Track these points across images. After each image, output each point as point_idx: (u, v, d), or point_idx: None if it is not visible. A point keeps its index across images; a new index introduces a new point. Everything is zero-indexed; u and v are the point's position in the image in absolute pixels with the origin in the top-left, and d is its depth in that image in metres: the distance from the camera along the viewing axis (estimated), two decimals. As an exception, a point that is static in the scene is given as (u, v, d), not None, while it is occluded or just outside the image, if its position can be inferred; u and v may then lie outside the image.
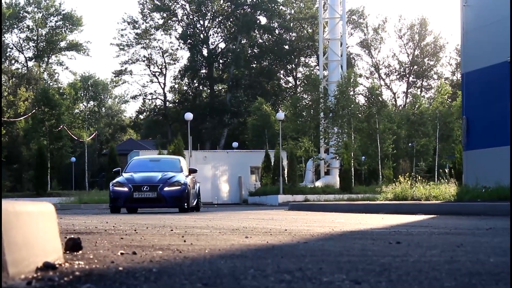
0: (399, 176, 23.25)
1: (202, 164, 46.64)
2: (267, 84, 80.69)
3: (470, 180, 18.12)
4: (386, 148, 46.18)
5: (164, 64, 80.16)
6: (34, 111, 56.97)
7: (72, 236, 5.07)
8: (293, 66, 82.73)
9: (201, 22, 80.00)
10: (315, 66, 75.86)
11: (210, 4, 78.75)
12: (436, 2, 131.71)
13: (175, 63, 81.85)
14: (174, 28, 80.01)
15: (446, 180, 22.73)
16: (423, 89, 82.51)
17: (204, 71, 79.93)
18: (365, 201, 22.62)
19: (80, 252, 4.32)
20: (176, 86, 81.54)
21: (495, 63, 18.39)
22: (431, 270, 3.45)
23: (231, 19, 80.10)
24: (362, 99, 52.88)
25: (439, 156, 49.33)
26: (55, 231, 3.75)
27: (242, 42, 79.83)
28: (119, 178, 19.49)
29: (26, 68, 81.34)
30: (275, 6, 79.88)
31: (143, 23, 79.10)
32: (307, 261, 3.90)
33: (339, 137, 46.34)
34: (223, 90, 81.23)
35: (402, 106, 77.34)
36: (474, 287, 2.94)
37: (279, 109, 64.46)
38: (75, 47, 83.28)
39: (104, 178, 47.99)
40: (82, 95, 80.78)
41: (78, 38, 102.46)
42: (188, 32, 78.29)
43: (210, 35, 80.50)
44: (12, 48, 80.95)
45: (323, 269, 3.49)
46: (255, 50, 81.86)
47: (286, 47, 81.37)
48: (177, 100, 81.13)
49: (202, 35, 79.51)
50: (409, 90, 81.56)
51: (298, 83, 79.75)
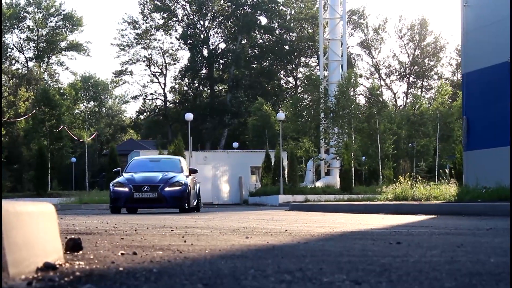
0: (400, 176, 23.25)
1: (203, 165, 46.62)
2: (268, 84, 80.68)
3: (471, 180, 18.12)
4: (387, 149, 46.17)
5: (164, 64, 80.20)
6: (35, 111, 56.97)
7: (73, 236, 5.07)
8: (293, 66, 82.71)
9: (201, 22, 80.00)
10: (316, 66, 75.87)
11: (210, 4, 78.74)
12: (437, 3, 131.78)
13: (175, 64, 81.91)
14: (174, 28, 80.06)
15: (447, 180, 22.74)
16: (424, 89, 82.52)
17: (204, 71, 79.92)
18: (365, 201, 22.62)
19: (81, 252, 4.33)
20: (177, 86, 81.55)
21: (496, 63, 18.39)
22: (432, 271, 3.46)
23: (232, 19, 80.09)
24: (363, 100, 52.91)
25: (439, 156, 49.31)
26: (55, 231, 3.75)
27: (243, 42, 79.82)
28: (120, 178, 19.40)
29: (26, 68, 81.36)
30: (276, 7, 79.88)
31: (143, 23, 79.18)
32: (308, 261, 3.90)
33: (339, 137, 46.32)
34: (223, 91, 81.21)
35: (403, 106, 77.32)
36: (474, 287, 2.94)
37: (280, 109, 64.44)
38: (75, 47, 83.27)
39: (104, 179, 47.96)
40: (83, 95, 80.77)
41: (78, 38, 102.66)
42: (189, 33, 78.27)
43: (211, 35, 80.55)
44: (12, 48, 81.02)
45: (323, 269, 3.49)
46: (256, 51, 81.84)
47: (287, 47, 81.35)
48: (177, 101, 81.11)
49: (202, 35, 79.50)
50: (409, 91, 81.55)
51: (299, 83, 79.73)
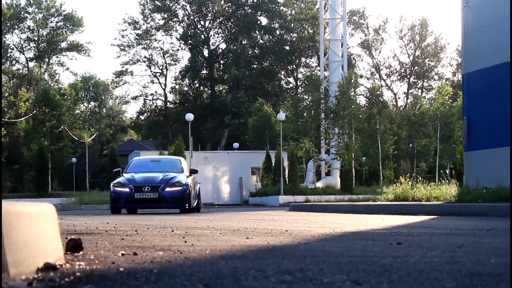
0: (400, 176, 23.24)
1: (203, 165, 46.62)
2: (268, 84, 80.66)
3: (471, 180, 18.11)
4: (387, 149, 46.16)
5: (165, 64, 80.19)
6: (35, 111, 56.96)
7: (73, 236, 5.07)
8: (293, 66, 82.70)
9: (201, 23, 80.00)
10: (316, 66, 75.84)
11: (210, 4, 78.74)
12: (437, 3, 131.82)
13: (176, 64, 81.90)
14: (175, 28, 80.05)
15: (447, 180, 22.74)
16: (424, 89, 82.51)
17: (204, 71, 79.91)
18: (365, 201, 22.61)
19: (81, 252, 4.33)
20: (177, 86, 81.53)
21: (496, 63, 18.39)
22: (432, 271, 3.46)
23: (232, 20, 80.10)
24: (363, 100, 52.90)
25: (439, 156, 49.32)
26: (56, 231, 3.75)
27: (243, 42, 79.81)
28: (120, 179, 19.30)
29: (27, 68, 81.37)
30: (276, 7, 79.88)
31: (143, 24, 79.15)
32: (308, 261, 3.90)
33: (340, 137, 46.32)
34: (224, 91, 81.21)
35: (403, 106, 77.31)
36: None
37: (280, 109, 64.44)
38: (76, 47, 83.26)
39: (104, 179, 47.96)
40: (83, 95, 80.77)
41: (79, 38, 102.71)
42: (189, 33, 78.28)
43: (211, 35, 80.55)
44: (13, 48, 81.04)
45: (324, 269, 3.49)
46: (256, 51, 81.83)
47: (287, 47, 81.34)
48: (177, 101, 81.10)
49: (203, 36, 79.49)
50: (410, 91, 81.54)
51: (299, 83, 79.74)
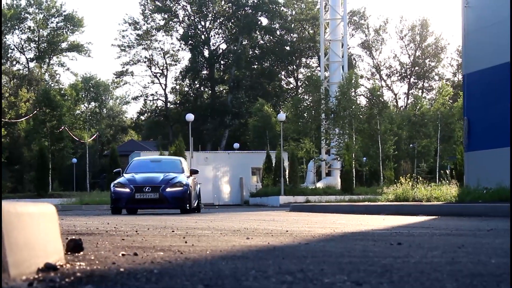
0: (400, 177, 23.23)
1: (203, 165, 46.61)
2: (268, 85, 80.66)
3: (471, 181, 18.11)
4: (387, 149, 46.14)
5: (165, 65, 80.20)
6: (36, 112, 56.96)
7: (73, 237, 5.08)
8: (294, 67, 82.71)
9: (202, 23, 79.98)
10: (316, 67, 75.84)
11: (211, 5, 78.74)
12: (437, 3, 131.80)
13: (176, 64, 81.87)
14: (175, 29, 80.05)
15: (447, 181, 22.73)
16: (424, 90, 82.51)
17: (205, 72, 79.91)
18: (366, 202, 22.61)
19: (81, 253, 4.32)
20: (177, 87, 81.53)
21: (496, 64, 18.38)
22: (433, 271, 3.45)
23: (232, 20, 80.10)
24: (363, 100, 52.90)
25: (440, 157, 49.30)
26: (56, 232, 3.75)
27: (243, 43, 79.81)
28: (121, 179, 19.23)
29: (27, 69, 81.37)
30: (276, 7, 79.88)
31: (144, 24, 79.16)
32: (309, 262, 3.90)
33: (340, 138, 46.30)
34: (224, 91, 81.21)
35: (403, 107, 77.30)
36: (475, 288, 2.94)
37: (280, 110, 64.46)
38: (76, 48, 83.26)
39: (105, 179, 47.93)
40: (83, 96, 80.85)
41: (79, 39, 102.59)
42: (189, 33, 78.28)
43: (211, 36, 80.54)
44: (13, 49, 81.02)
45: (324, 270, 3.49)
46: (256, 51, 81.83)
47: (287, 48, 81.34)
48: (178, 101, 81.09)
49: (203, 36, 79.48)
50: (410, 91, 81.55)
51: (299, 84, 79.74)
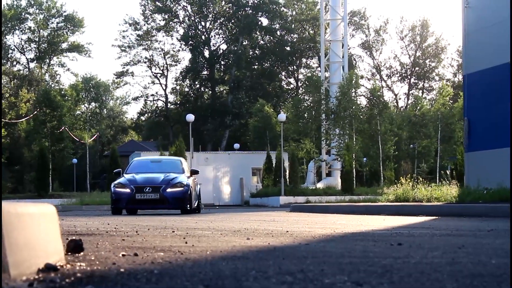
0: (401, 177, 23.24)
1: (204, 166, 46.61)
2: (269, 85, 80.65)
3: (472, 181, 18.12)
4: (388, 150, 46.12)
5: (165, 65, 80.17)
6: (36, 112, 56.96)
7: (74, 237, 5.08)
8: (294, 67, 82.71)
9: (202, 24, 79.99)
10: (317, 67, 75.79)
11: (211, 5, 78.74)
12: (438, 4, 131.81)
13: (176, 65, 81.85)
14: (175, 29, 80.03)
15: (448, 181, 22.74)
16: (425, 90, 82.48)
17: (205, 72, 79.90)
18: (366, 202, 22.61)
19: (82, 253, 4.32)
20: (178, 87, 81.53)
21: (497, 64, 18.38)
22: (433, 272, 3.45)
23: (233, 21, 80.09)
24: (364, 101, 52.87)
25: (440, 157, 49.26)
26: (56, 232, 3.75)
27: (244, 43, 79.80)
28: (121, 179, 19.16)
29: (27, 69, 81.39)
30: (277, 8, 79.87)
31: (144, 25, 79.14)
32: (309, 262, 3.90)
33: (340, 138, 46.29)
34: (224, 92, 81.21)
35: (404, 107, 77.27)
36: (476, 288, 2.94)
37: (281, 110, 64.44)
38: (76, 48, 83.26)
39: (105, 180, 47.94)
40: (84, 96, 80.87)
41: (79, 39, 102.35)
42: (190, 34, 78.27)
43: (212, 36, 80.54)
44: (13, 49, 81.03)
45: (324, 270, 3.49)
46: (257, 52, 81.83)
47: (288, 48, 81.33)
48: (178, 102, 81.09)
49: (203, 37, 79.48)
50: (410, 92, 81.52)
51: (300, 84, 79.73)
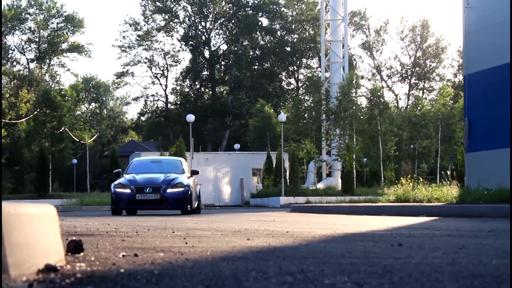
0: (401, 178, 23.23)
1: (204, 166, 46.60)
2: (269, 85, 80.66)
3: (472, 182, 18.10)
4: (388, 150, 46.10)
5: (165, 65, 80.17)
6: (36, 112, 56.95)
7: (74, 238, 5.07)
8: (295, 67, 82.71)
9: (202, 24, 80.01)
10: (317, 67, 75.79)
11: (211, 6, 78.76)
12: (438, 4, 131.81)
13: (176, 65, 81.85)
14: (175, 29, 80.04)
15: (448, 182, 22.74)
16: (425, 90, 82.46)
17: (205, 72, 79.91)
18: (367, 203, 22.61)
19: (82, 254, 4.32)
20: (178, 87, 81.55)
21: (497, 64, 18.37)
22: (433, 272, 3.45)
23: (233, 21, 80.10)
24: (364, 101, 52.83)
25: (441, 158, 49.22)
26: (56, 233, 3.74)
27: (244, 43, 79.81)
28: (121, 180, 19.09)
29: (27, 69, 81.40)
30: (277, 8, 79.88)
31: (144, 25, 79.15)
32: (309, 263, 3.89)
33: (341, 139, 46.27)
34: (224, 92, 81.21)
35: (404, 108, 77.25)
36: (476, 289, 2.93)
37: (281, 111, 64.44)
38: (76, 48, 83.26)
39: (105, 180, 47.93)
40: (84, 96, 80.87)
41: (79, 39, 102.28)
42: (190, 34, 78.28)
43: (212, 36, 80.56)
44: (13, 49, 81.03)
45: (325, 271, 3.48)
46: (257, 52, 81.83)
47: (288, 48, 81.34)
48: (178, 102, 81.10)
49: (203, 37, 79.49)
50: (411, 92, 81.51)
51: (300, 84, 79.71)
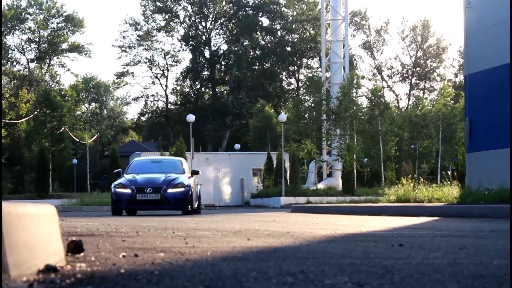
0: (402, 178, 23.22)
1: (204, 166, 46.59)
2: (269, 86, 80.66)
3: (473, 182, 18.10)
4: (389, 150, 46.08)
5: (166, 65, 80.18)
6: (36, 112, 56.96)
7: (74, 238, 5.07)
8: (295, 68, 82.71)
9: (203, 24, 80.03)
10: (317, 68, 75.81)
11: (212, 5, 78.77)
12: (439, 4, 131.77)
13: (177, 65, 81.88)
14: (176, 29, 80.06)
15: (449, 182, 22.73)
16: (426, 90, 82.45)
17: (206, 72, 79.92)
18: (367, 203, 22.60)
19: (82, 254, 4.32)
20: (178, 87, 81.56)
21: (498, 64, 18.37)
22: (434, 273, 3.44)
23: (233, 21, 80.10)
24: (365, 101, 52.82)
25: (441, 158, 49.21)
26: (56, 233, 3.74)
27: (244, 43, 79.80)
28: (121, 180, 19.01)
29: (27, 69, 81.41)
30: (278, 8, 79.89)
31: (145, 25, 79.17)
32: (310, 263, 3.89)
33: (341, 139, 46.25)
34: (225, 92, 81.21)
35: (405, 108, 77.23)
36: (477, 290, 2.93)
37: (281, 111, 64.44)
38: (76, 48, 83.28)
39: (105, 180, 47.93)
40: (84, 96, 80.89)
41: (80, 39, 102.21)
42: (190, 34, 78.29)
43: (212, 36, 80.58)
44: (13, 49, 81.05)
45: (325, 271, 3.48)
46: (257, 52, 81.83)
47: (289, 48, 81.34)
48: (179, 102, 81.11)
49: (204, 37, 79.51)
50: (411, 92, 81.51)
51: (300, 84, 79.71)
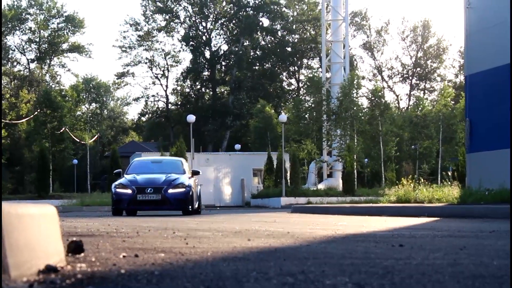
0: (402, 178, 23.22)
1: (205, 167, 46.59)
2: (270, 86, 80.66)
3: (473, 182, 18.10)
4: (389, 151, 46.09)
5: (166, 66, 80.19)
6: (36, 113, 56.98)
7: (74, 238, 5.07)
8: (295, 68, 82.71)
9: (203, 24, 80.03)
10: (318, 68, 75.79)
11: (212, 6, 78.78)
12: (439, 4, 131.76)
13: (177, 65, 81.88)
14: (176, 30, 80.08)
15: (449, 182, 22.73)
16: (426, 91, 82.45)
17: (206, 73, 79.92)
18: (368, 203, 22.60)
19: (82, 254, 4.31)
20: (179, 88, 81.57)
21: (499, 65, 18.37)
22: (434, 273, 3.44)
23: (234, 21, 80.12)
24: (365, 102, 52.82)
25: (442, 158, 49.21)
26: (57, 233, 3.74)
27: (245, 44, 79.81)
28: (122, 180, 18.97)
29: (28, 70, 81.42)
30: (278, 8, 79.89)
31: (145, 25, 79.19)
32: (310, 264, 3.89)
33: (341, 139, 46.26)
34: (225, 92, 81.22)
35: (405, 108, 77.23)
36: (478, 290, 2.93)
37: (282, 111, 64.43)
38: (77, 49, 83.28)
39: (106, 180, 47.96)
40: (84, 97, 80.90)
41: (80, 40, 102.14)
42: (191, 34, 78.31)
43: (213, 37, 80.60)
44: (14, 50, 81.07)
45: (325, 272, 3.48)
46: (258, 52, 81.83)
47: (289, 49, 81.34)
48: (179, 102, 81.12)
49: (204, 37, 79.51)
50: (412, 92, 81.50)
51: (301, 85, 79.70)
